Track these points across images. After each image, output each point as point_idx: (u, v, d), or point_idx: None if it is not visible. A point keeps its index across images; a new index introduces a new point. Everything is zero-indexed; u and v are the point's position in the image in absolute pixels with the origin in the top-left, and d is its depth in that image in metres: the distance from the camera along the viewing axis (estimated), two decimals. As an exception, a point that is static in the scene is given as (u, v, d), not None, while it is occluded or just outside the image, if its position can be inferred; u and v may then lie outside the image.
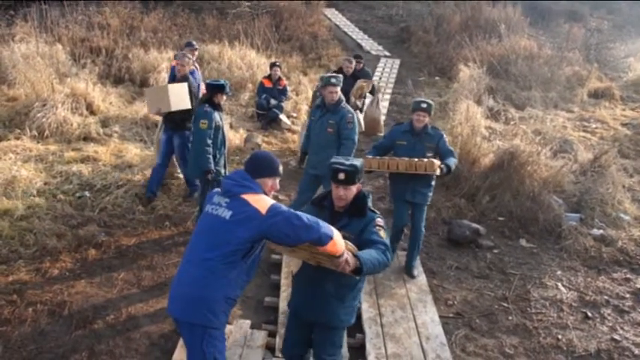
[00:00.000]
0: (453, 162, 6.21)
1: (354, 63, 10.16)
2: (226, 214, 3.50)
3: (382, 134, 10.39)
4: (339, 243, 3.38)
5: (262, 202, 3.49)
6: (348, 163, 3.87)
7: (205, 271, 3.48)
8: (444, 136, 6.39)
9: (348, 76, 9.65)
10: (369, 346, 5.11)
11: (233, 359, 4.64)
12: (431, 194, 6.50)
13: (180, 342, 4.79)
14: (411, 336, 5.32)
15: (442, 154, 6.27)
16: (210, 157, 6.51)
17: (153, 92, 7.63)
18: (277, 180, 3.78)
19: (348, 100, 8.78)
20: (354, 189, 3.87)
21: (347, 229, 3.76)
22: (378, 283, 6.14)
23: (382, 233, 3.76)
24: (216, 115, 6.55)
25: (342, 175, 3.81)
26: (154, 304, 5.53)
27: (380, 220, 3.84)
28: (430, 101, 6.40)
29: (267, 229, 3.40)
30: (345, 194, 3.85)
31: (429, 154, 6.23)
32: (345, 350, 4.96)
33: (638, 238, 8.18)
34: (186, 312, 3.54)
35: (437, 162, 6.06)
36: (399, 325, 5.48)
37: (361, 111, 10.78)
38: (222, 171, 6.81)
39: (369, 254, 3.55)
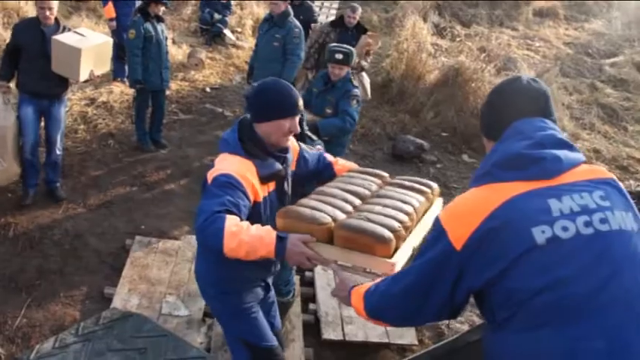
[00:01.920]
0: (329, 123, 5.09)
1: (358, 11, 7.66)
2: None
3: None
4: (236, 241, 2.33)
5: (219, 165, 2.62)
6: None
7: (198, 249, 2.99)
8: (352, 92, 5.19)
9: (351, 28, 7.54)
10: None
11: (182, 274, 4.72)
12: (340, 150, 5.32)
13: (130, 259, 4.83)
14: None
15: (336, 111, 5.21)
16: (138, 67, 6.52)
17: (90, 52, 5.26)
18: (293, 120, 2.70)
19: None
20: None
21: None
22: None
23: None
24: (149, 25, 6.50)
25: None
26: (101, 222, 5.51)
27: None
28: (349, 49, 5.28)
29: None
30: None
31: (329, 111, 5.23)
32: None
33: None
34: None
35: None
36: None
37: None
38: (164, 84, 6.91)
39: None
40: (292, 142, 2.94)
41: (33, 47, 5.20)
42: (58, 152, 5.62)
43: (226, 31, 11.39)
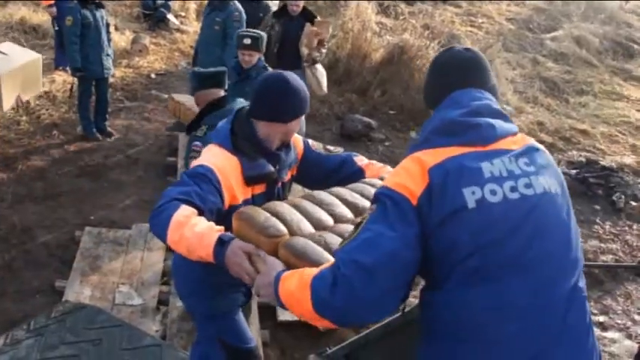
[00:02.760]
0: None
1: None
2: None
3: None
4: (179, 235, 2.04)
5: (203, 155, 2.43)
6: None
7: None
8: None
9: (296, 17, 6.52)
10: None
11: (134, 263, 4.69)
12: None
13: (80, 251, 4.77)
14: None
15: None
16: (77, 54, 6.42)
17: (14, 75, 4.69)
18: (296, 121, 2.46)
19: (298, 52, 6.45)
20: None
21: None
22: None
23: None
24: (86, 12, 6.38)
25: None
26: (49, 214, 5.41)
27: None
28: (258, 33, 5.11)
29: None
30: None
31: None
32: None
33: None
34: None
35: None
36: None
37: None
38: (106, 71, 6.78)
39: None
40: (298, 144, 2.69)
41: None
42: None
43: (170, 16, 11.21)
